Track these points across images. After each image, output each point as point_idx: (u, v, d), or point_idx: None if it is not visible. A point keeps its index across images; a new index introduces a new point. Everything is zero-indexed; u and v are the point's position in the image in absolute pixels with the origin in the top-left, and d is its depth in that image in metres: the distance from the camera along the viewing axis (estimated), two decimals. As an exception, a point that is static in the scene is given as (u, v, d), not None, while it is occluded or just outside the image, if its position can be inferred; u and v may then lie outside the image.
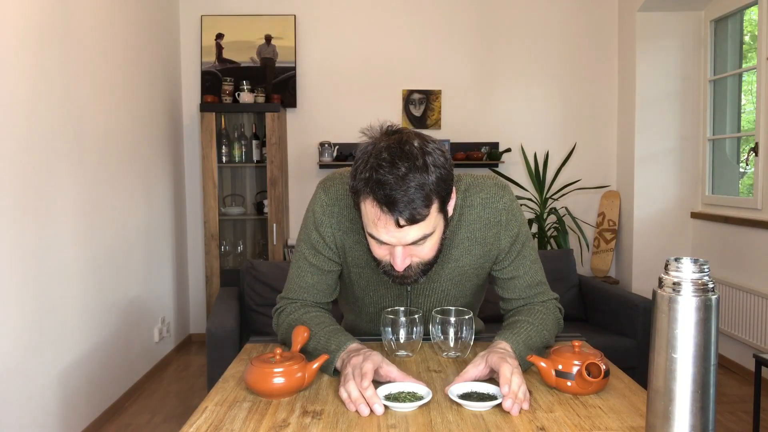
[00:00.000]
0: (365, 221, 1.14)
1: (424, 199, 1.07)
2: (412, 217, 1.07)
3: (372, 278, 1.35)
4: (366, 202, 1.11)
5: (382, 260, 1.19)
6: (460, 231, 1.30)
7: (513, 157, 4.38)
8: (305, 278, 1.36)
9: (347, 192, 1.28)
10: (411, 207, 1.07)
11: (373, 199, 1.08)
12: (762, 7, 3.38)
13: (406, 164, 1.07)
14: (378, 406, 1.02)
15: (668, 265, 0.85)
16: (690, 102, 4.10)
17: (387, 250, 1.16)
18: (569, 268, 3.41)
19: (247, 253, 4.36)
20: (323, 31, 4.36)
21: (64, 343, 2.63)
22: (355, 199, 1.15)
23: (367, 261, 1.32)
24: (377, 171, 1.07)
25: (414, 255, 1.16)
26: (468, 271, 1.34)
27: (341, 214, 1.30)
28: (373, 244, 1.17)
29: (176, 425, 2.92)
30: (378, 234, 1.12)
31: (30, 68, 2.38)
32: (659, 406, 0.85)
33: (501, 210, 1.30)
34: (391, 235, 1.11)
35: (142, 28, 3.62)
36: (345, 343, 1.20)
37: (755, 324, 3.39)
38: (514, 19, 4.38)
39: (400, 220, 1.08)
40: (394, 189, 1.06)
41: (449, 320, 1.29)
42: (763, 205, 3.40)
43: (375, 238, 1.14)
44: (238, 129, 4.23)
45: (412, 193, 1.06)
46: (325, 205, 1.31)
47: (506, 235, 1.31)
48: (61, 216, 2.60)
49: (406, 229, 1.09)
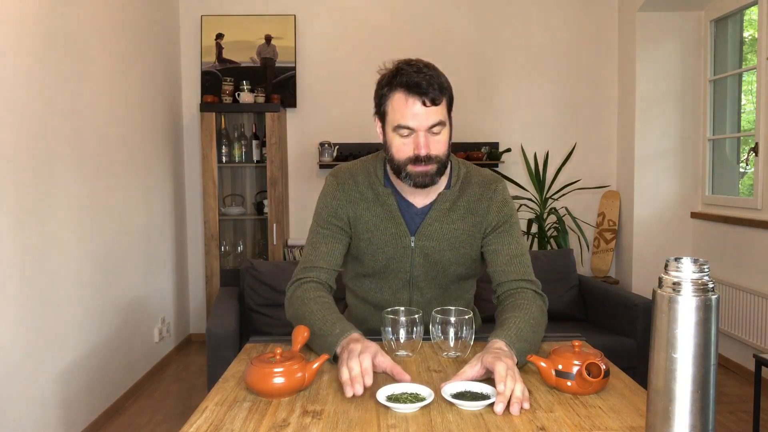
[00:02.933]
0: (392, 118, 1.38)
1: (440, 87, 1.36)
2: (434, 98, 1.34)
3: (380, 240, 1.49)
4: (394, 96, 1.37)
5: (405, 159, 1.38)
6: (459, 200, 1.50)
7: (513, 157, 4.38)
8: (319, 247, 1.51)
9: (352, 174, 1.53)
10: (432, 89, 1.34)
11: (402, 88, 1.35)
12: (762, 7, 3.38)
13: (422, 64, 1.40)
14: (368, 378, 1.11)
15: (668, 265, 0.85)
16: (690, 102, 4.10)
17: (411, 143, 1.37)
18: (569, 268, 3.41)
19: (247, 253, 4.36)
20: (323, 31, 4.36)
21: (64, 343, 2.63)
22: (381, 108, 1.41)
23: (375, 224, 1.49)
24: (401, 70, 1.38)
25: (432, 147, 1.37)
26: (461, 235, 1.49)
27: (350, 189, 1.52)
28: (398, 144, 1.38)
29: (176, 425, 2.92)
30: (405, 120, 1.35)
31: (30, 68, 2.38)
32: (659, 406, 0.85)
33: (495, 191, 1.51)
34: (416, 118, 1.34)
35: (142, 28, 3.62)
36: (348, 331, 1.28)
37: (755, 324, 3.40)
38: (514, 20, 4.38)
39: (426, 101, 1.34)
40: (418, 77, 1.35)
41: (449, 320, 1.29)
42: (763, 205, 3.40)
43: (402, 127, 1.36)
44: (238, 129, 4.23)
45: (431, 78, 1.35)
46: (335, 186, 1.53)
47: (496, 210, 1.50)
48: (62, 216, 2.61)
49: (429, 110, 1.34)
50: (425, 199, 1.49)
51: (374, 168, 1.53)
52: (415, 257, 1.49)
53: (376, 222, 1.49)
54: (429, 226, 1.48)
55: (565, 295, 3.34)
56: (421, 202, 1.49)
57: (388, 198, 1.49)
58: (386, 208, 1.49)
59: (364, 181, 1.51)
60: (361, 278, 1.58)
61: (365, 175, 1.52)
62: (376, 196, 1.50)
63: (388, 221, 1.49)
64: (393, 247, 1.49)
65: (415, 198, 1.49)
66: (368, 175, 1.52)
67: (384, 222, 1.49)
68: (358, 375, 1.10)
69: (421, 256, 1.49)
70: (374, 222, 1.49)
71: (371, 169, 1.53)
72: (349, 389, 1.10)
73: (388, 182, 1.51)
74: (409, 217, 1.49)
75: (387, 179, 1.51)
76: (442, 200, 1.49)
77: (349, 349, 1.18)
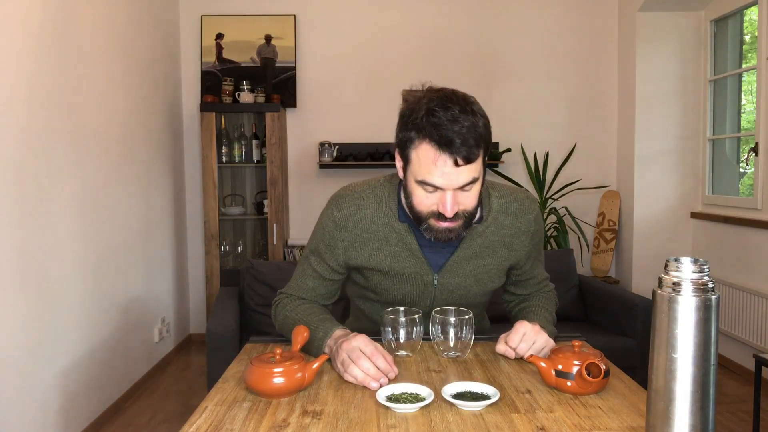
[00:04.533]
0: (417, 169, 1.19)
1: (477, 140, 1.15)
2: (468, 156, 1.14)
3: (397, 278, 1.37)
4: (421, 146, 1.17)
5: (427, 213, 1.22)
6: (493, 232, 1.36)
7: (513, 157, 4.38)
8: (307, 282, 1.42)
9: (359, 206, 1.34)
10: (467, 145, 1.14)
11: (430, 141, 1.15)
12: (762, 7, 3.38)
13: (457, 107, 1.15)
14: (392, 374, 1.15)
15: (668, 265, 0.85)
16: (690, 102, 4.10)
17: (436, 199, 1.20)
18: (569, 268, 3.40)
19: (247, 253, 4.36)
20: (323, 31, 4.36)
21: (64, 343, 2.63)
22: (405, 151, 1.20)
23: (390, 265, 1.35)
24: (432, 114, 1.14)
25: (460, 203, 1.20)
26: (491, 270, 1.39)
27: (356, 229, 1.34)
28: (420, 196, 1.21)
29: (176, 425, 2.92)
30: (432, 178, 1.17)
31: (30, 68, 2.38)
32: (659, 406, 0.85)
33: (531, 221, 1.39)
34: (446, 177, 1.16)
35: (142, 28, 3.62)
36: (331, 329, 1.27)
37: (755, 324, 3.39)
38: (514, 19, 4.38)
39: (459, 160, 1.14)
40: (450, 129, 1.13)
41: (449, 320, 1.29)
42: (763, 205, 3.40)
43: (428, 184, 1.18)
44: (238, 129, 4.23)
45: (467, 132, 1.14)
46: (338, 221, 1.35)
47: (531, 244, 1.42)
48: (62, 216, 2.60)
49: (460, 169, 1.15)
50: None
51: (387, 198, 1.33)
52: (437, 293, 1.39)
53: (392, 262, 1.34)
54: (455, 264, 1.36)
55: (565, 295, 3.34)
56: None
57: (405, 236, 1.32)
58: (404, 246, 1.33)
59: (374, 216, 1.33)
60: (371, 302, 1.48)
61: (375, 206, 1.33)
62: (390, 232, 1.33)
63: (407, 260, 1.34)
64: (412, 285, 1.37)
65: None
66: (378, 206, 1.33)
67: (401, 261, 1.34)
68: (377, 373, 1.13)
69: (444, 293, 1.39)
70: (389, 262, 1.34)
71: (383, 199, 1.33)
72: (374, 383, 1.13)
73: (403, 214, 1.33)
74: (432, 252, 1.34)
75: (402, 211, 1.33)
76: (473, 236, 1.34)
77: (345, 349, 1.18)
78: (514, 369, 1.25)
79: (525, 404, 1.07)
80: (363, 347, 1.17)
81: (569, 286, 3.37)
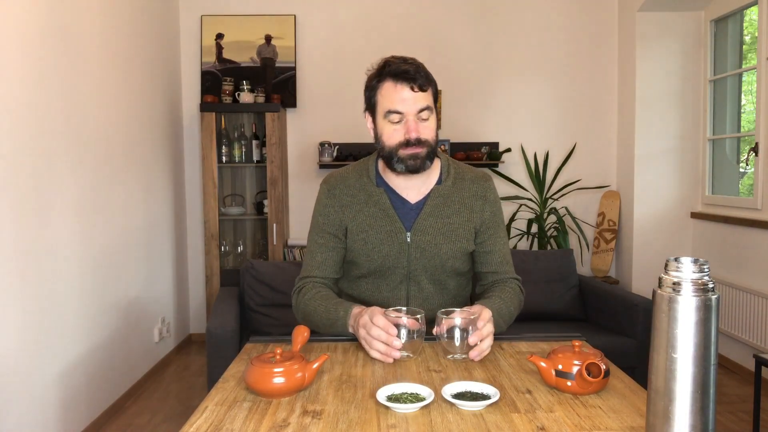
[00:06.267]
0: (383, 105, 1.45)
1: (427, 75, 1.45)
2: (421, 84, 1.42)
3: (376, 239, 1.52)
4: (383, 86, 1.45)
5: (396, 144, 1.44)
6: (453, 194, 1.55)
7: (513, 157, 4.38)
8: (315, 257, 1.57)
9: (343, 177, 1.58)
10: (419, 76, 1.43)
11: (389, 78, 1.44)
12: (762, 7, 3.38)
13: (409, 58, 1.49)
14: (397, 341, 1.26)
15: (668, 265, 0.85)
16: (690, 102, 4.10)
17: (402, 129, 1.44)
18: (569, 268, 3.40)
19: (247, 253, 4.36)
20: (323, 31, 4.36)
21: (64, 343, 2.63)
22: (372, 101, 1.48)
23: (370, 224, 1.53)
24: (388, 64, 1.46)
25: (420, 132, 1.44)
26: (458, 229, 1.53)
27: (341, 194, 1.56)
28: (389, 131, 1.45)
29: (176, 425, 2.92)
30: (394, 104, 1.43)
31: (30, 68, 2.38)
32: (659, 406, 0.85)
33: (487, 189, 1.58)
34: (405, 103, 1.42)
35: (142, 28, 3.62)
36: (350, 308, 1.41)
37: (755, 324, 3.40)
38: (514, 19, 4.38)
39: (414, 87, 1.42)
40: (405, 66, 1.44)
41: (456, 322, 1.28)
42: (763, 205, 3.40)
43: (392, 112, 1.43)
44: (238, 129, 4.23)
45: (419, 68, 1.45)
46: (327, 192, 1.58)
47: (489, 209, 1.57)
48: (62, 216, 2.60)
49: (417, 95, 1.42)
50: (418, 195, 1.53)
51: (366, 169, 1.57)
52: (412, 252, 1.52)
53: (370, 222, 1.53)
54: (424, 221, 1.52)
55: (565, 295, 3.34)
56: (415, 198, 1.53)
57: (380, 197, 1.53)
58: (380, 207, 1.53)
59: (356, 184, 1.56)
60: (358, 280, 1.60)
61: (356, 177, 1.57)
62: (369, 197, 1.54)
63: (383, 219, 1.52)
64: (389, 245, 1.52)
65: (409, 194, 1.53)
66: (360, 177, 1.56)
67: (378, 221, 1.52)
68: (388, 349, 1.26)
69: (418, 251, 1.52)
70: (368, 222, 1.53)
71: (363, 171, 1.57)
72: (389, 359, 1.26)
73: (380, 181, 1.55)
74: (404, 213, 1.53)
75: (379, 178, 1.56)
76: (436, 195, 1.53)
77: (362, 324, 1.31)
78: (514, 369, 1.25)
79: (525, 404, 1.07)
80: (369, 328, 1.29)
81: (569, 286, 3.37)
